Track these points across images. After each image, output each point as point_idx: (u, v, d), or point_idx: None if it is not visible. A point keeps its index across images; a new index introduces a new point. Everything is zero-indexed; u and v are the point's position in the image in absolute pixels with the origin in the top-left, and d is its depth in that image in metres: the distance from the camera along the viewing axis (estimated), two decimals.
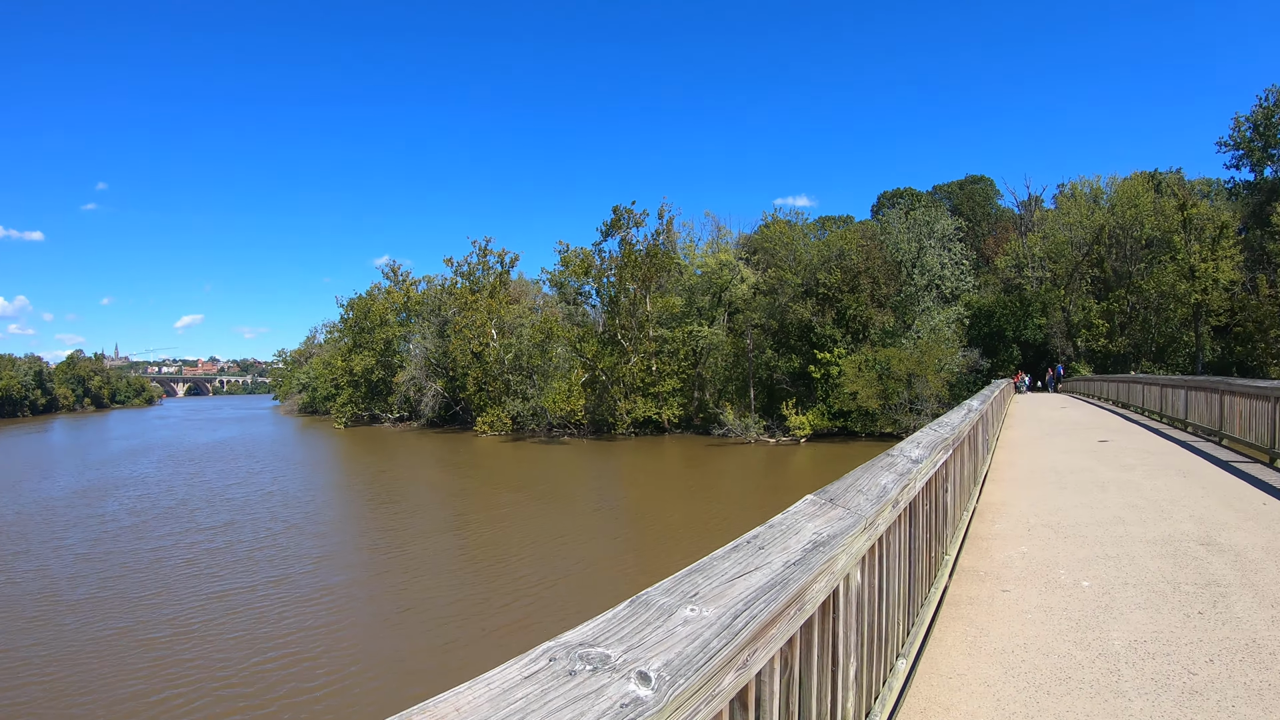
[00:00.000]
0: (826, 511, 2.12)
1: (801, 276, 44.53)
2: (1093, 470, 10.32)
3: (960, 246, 49.42)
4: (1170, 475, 9.45)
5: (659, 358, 47.98)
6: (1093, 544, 6.31)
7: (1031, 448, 13.56)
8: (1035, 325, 47.51)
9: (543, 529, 20.99)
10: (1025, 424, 19.10)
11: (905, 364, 39.21)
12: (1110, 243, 48.23)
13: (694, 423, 47.81)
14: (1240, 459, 10.52)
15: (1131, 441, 13.63)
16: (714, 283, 47.86)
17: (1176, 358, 45.68)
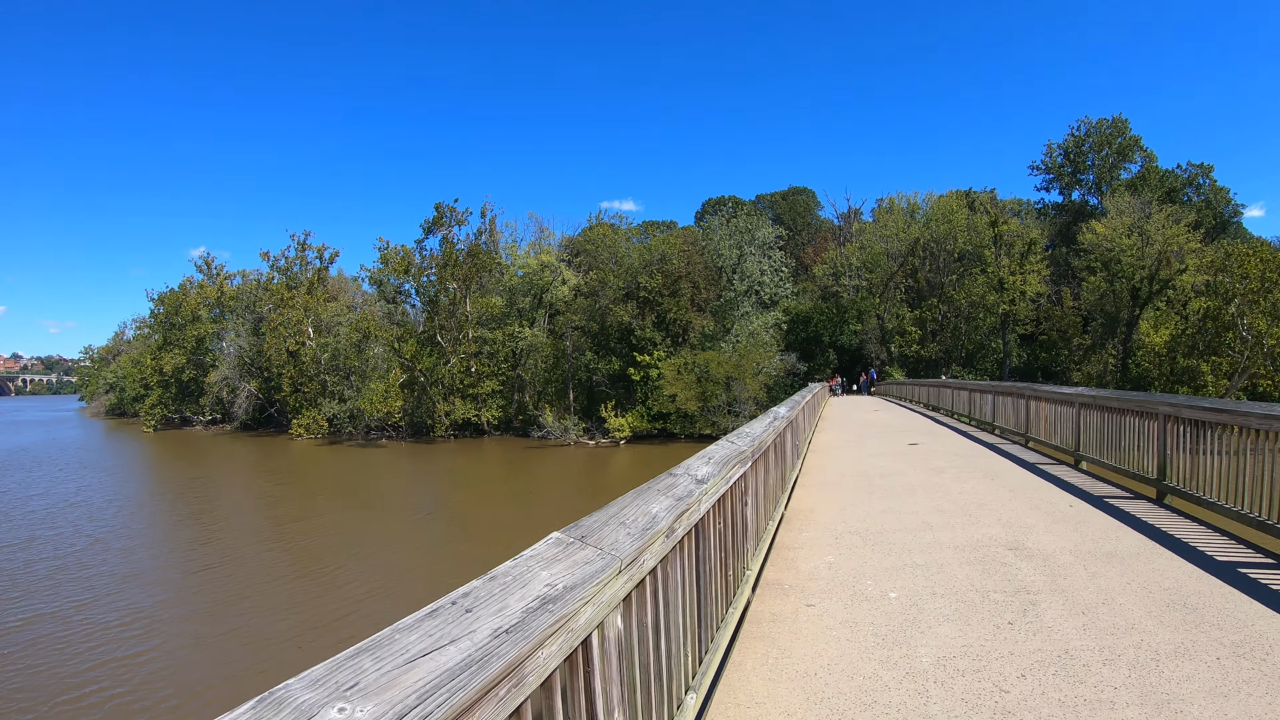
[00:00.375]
0: (573, 553, 2.17)
1: (623, 279, 52.23)
2: (903, 474, 11.47)
3: (780, 254, 59.18)
4: (979, 478, 10.77)
5: (479, 359, 55.21)
6: (901, 551, 6.95)
7: (843, 451, 15.26)
8: (851, 331, 58.29)
9: (363, 538, 23.06)
10: (839, 427, 21.58)
11: (724, 367, 46.02)
12: (924, 255, 60.30)
13: (513, 425, 54.86)
14: (1046, 461, 12.55)
15: (941, 444, 15.64)
16: (535, 284, 55.26)
17: (985, 363, 57.21)
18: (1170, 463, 8.57)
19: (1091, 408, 11.17)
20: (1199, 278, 45.09)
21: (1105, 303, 52.96)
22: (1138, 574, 5.87)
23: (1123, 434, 9.98)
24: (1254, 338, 38.45)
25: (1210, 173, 66.42)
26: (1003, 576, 5.98)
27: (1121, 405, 9.98)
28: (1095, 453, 11.04)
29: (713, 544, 4.05)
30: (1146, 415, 9.19)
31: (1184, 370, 42.16)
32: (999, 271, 54.36)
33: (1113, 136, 66.21)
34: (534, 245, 59.89)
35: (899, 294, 61.76)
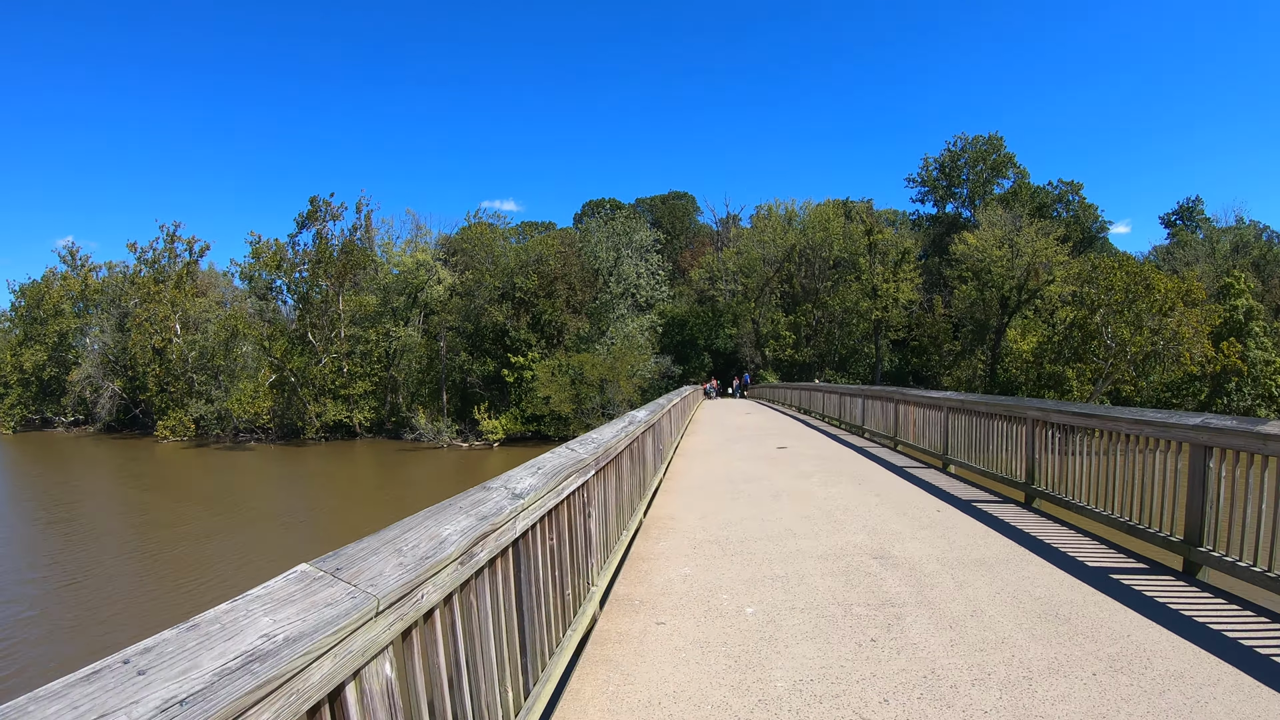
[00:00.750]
0: (317, 591, 1.90)
1: (499, 280, 54.18)
2: (769, 478, 11.35)
3: (658, 257, 61.46)
4: (846, 482, 10.79)
5: (351, 359, 56.16)
6: (761, 561, 6.71)
7: (711, 455, 15.16)
8: (727, 335, 61.54)
9: (231, 548, 22.84)
10: (709, 430, 21.66)
11: (598, 369, 47.69)
12: (800, 261, 64.32)
13: (386, 427, 55.80)
14: (915, 464, 12.81)
15: (810, 448, 15.81)
16: (410, 283, 55.92)
17: (858, 367, 60.98)
18: (1039, 466, 8.75)
19: (960, 412, 11.43)
20: (1066, 289, 49.45)
21: (975, 311, 57.07)
22: (1007, 582, 5.77)
23: (991, 438, 10.21)
24: (1117, 345, 42.31)
25: (1079, 190, 73.22)
26: (866, 588, 5.75)
27: (990, 410, 10.19)
28: (963, 456, 11.30)
29: (542, 563, 3.89)
30: (1015, 420, 9.40)
31: (1050, 376, 46.09)
32: (873, 279, 58.13)
33: (988, 153, 71.92)
34: (410, 243, 60.84)
35: (774, 299, 65.05)
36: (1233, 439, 5.46)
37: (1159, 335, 41.29)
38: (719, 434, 20.26)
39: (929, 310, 60.69)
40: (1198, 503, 5.87)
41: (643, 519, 8.54)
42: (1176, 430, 6.08)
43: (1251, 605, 5.18)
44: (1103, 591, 5.51)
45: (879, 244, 60.05)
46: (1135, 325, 41.77)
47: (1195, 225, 75.73)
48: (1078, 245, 61.46)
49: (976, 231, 57.39)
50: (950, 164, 73.23)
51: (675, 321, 61.87)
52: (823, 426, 21.75)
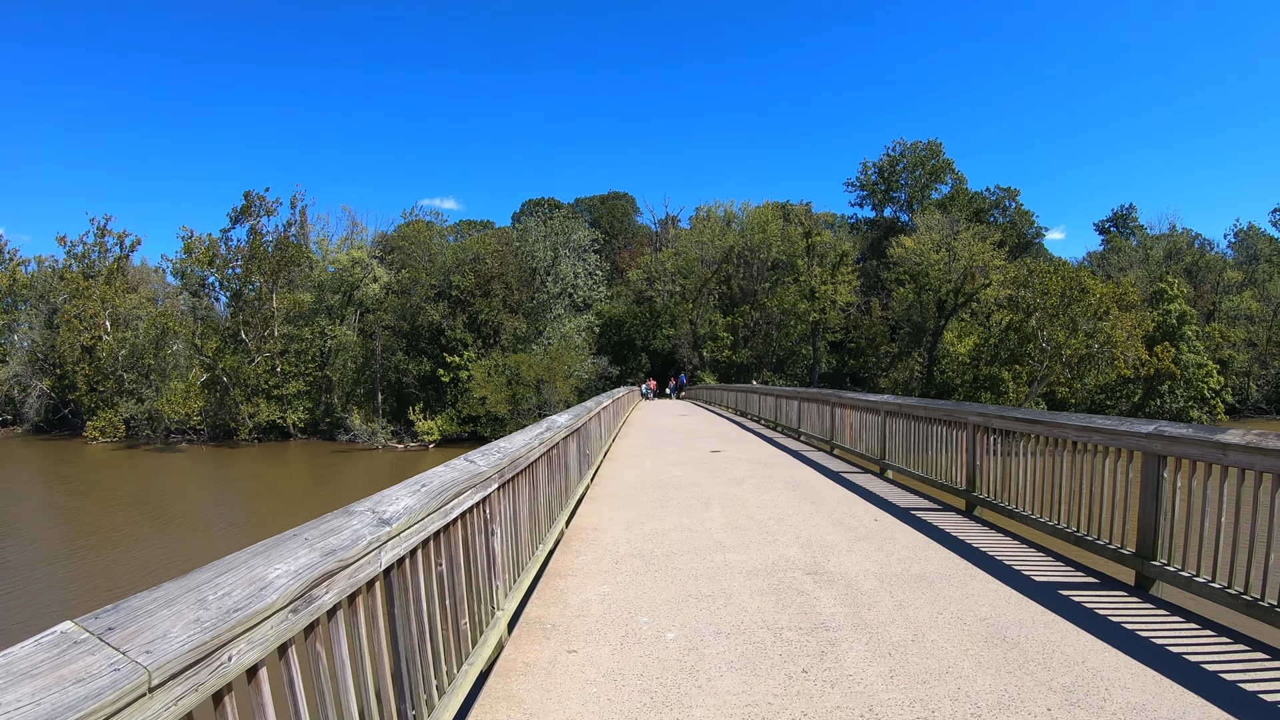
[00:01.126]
0: (69, 662, 1.48)
1: (436, 278, 54.90)
2: (700, 484, 10.94)
3: (595, 257, 62.14)
4: (780, 489, 10.43)
5: (285, 358, 55.54)
6: (687, 578, 6.27)
7: (643, 459, 14.71)
8: (664, 336, 62.02)
9: (163, 556, 22.31)
10: (643, 433, 21.28)
11: (535, 369, 48.27)
12: (739, 263, 65.00)
13: (320, 428, 55.40)
14: (852, 469, 12.51)
15: (745, 452, 15.44)
16: (346, 280, 56.04)
17: (796, 369, 61.85)
18: (980, 473, 8.48)
19: (898, 415, 11.16)
20: (1002, 292, 50.74)
21: (913, 313, 58.13)
22: (950, 601, 5.38)
23: (930, 443, 9.94)
24: (1053, 348, 43.50)
25: (1016, 196, 75.77)
26: (799, 608, 5.30)
27: (929, 414, 9.90)
28: (902, 461, 11.03)
29: (426, 594, 3.48)
30: (955, 424, 9.14)
31: (986, 378, 47.31)
32: (811, 281, 58.89)
33: (926, 158, 73.62)
34: (346, 240, 60.80)
35: (712, 300, 65.94)
36: (1189, 448, 5.16)
37: (1094, 339, 42.51)
38: (652, 436, 19.85)
39: (867, 312, 61.87)
40: (1151, 514, 5.57)
41: (564, 530, 8.08)
42: (1128, 438, 5.78)
43: (1212, 624, 4.88)
44: (1053, 610, 5.15)
45: (817, 246, 60.90)
46: (1070, 329, 42.94)
47: (1129, 232, 78.64)
48: (1014, 250, 63.17)
49: (914, 235, 58.59)
50: (889, 168, 74.70)
51: (613, 322, 62.50)
52: (758, 429, 21.51)
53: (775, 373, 60.61)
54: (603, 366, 55.84)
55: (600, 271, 62.70)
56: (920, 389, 54.14)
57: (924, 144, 73.95)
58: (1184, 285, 53.69)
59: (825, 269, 59.71)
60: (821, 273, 59.39)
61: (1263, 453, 4.55)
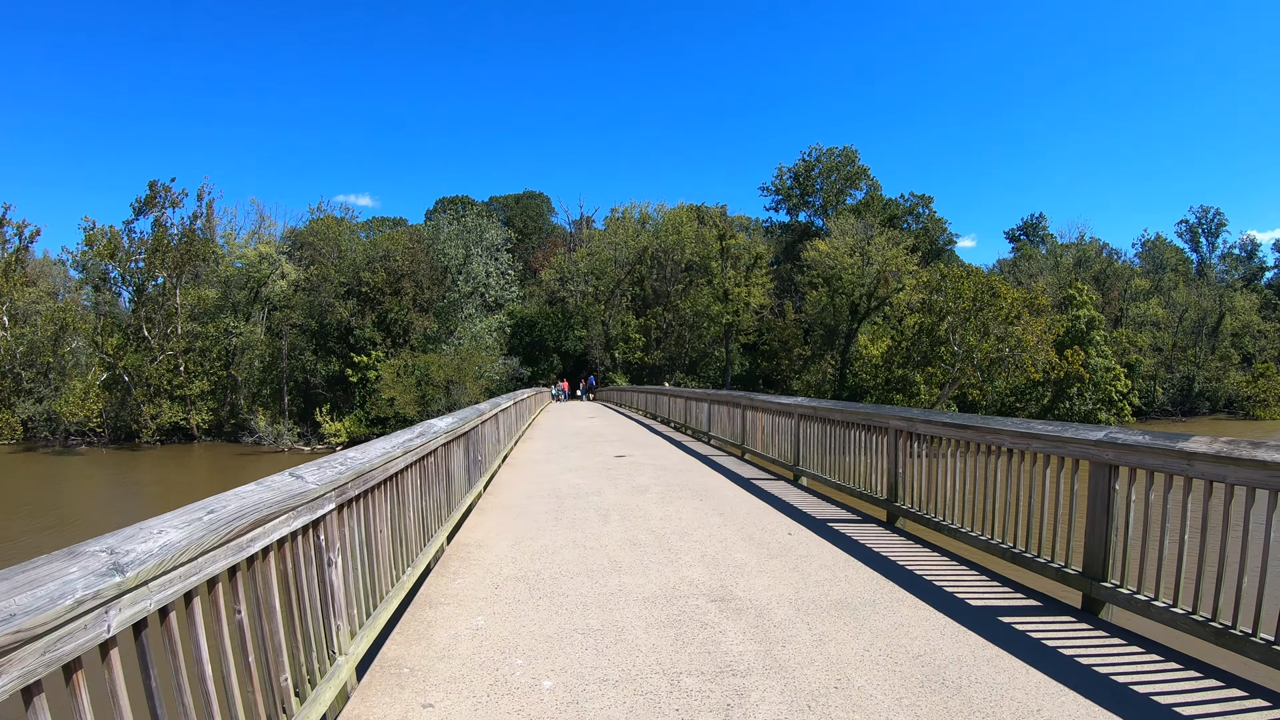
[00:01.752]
0: None
1: (345, 275, 54.65)
2: (601, 493, 10.20)
3: (508, 257, 62.50)
4: (687, 498, 9.77)
5: (189, 356, 54.26)
6: (574, 607, 5.49)
7: (544, 464, 13.92)
8: (576, 337, 62.23)
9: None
10: (548, 436, 20.50)
11: (444, 370, 47.97)
12: (652, 264, 65.55)
13: (224, 429, 54.41)
14: (764, 476, 11.88)
15: (651, 457, 14.77)
16: (252, 276, 55.41)
17: (708, 370, 62.35)
18: (903, 483, 7.89)
19: (812, 419, 10.57)
20: (915, 296, 51.92)
21: (826, 316, 59.16)
22: (878, 634, 4.69)
23: (848, 449, 9.36)
24: (965, 351, 44.70)
25: (930, 204, 78.11)
26: (702, 647, 4.52)
27: (846, 418, 9.32)
28: (817, 468, 10.44)
29: (216, 651, 2.87)
30: (875, 429, 8.56)
31: (899, 380, 48.60)
32: (725, 283, 59.52)
33: (842, 164, 74.76)
34: (253, 234, 60.30)
35: (625, 301, 65.82)
36: (1147, 457, 4.58)
37: (1005, 342, 43.69)
38: (558, 440, 19.01)
39: (780, 315, 62.88)
40: (1101, 530, 4.98)
41: (445, 547, 7.21)
42: (1074, 446, 5.19)
43: (1175, 654, 4.32)
44: (994, 643, 4.50)
45: (731, 249, 61.55)
46: (982, 332, 44.11)
47: (1039, 240, 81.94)
48: (926, 256, 64.96)
49: (829, 239, 59.50)
50: (804, 174, 75.72)
51: (525, 322, 62.51)
52: (667, 433, 20.88)
53: (688, 375, 60.92)
54: (514, 367, 55.83)
55: (513, 271, 62.73)
56: (833, 391, 54.97)
57: (839, 150, 75.11)
58: (1092, 292, 55.64)
59: (739, 271, 60.48)
60: (735, 275, 60.12)
61: (1235, 463, 3.99)
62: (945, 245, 76.48)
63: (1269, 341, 69.65)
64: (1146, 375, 59.83)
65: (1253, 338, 68.82)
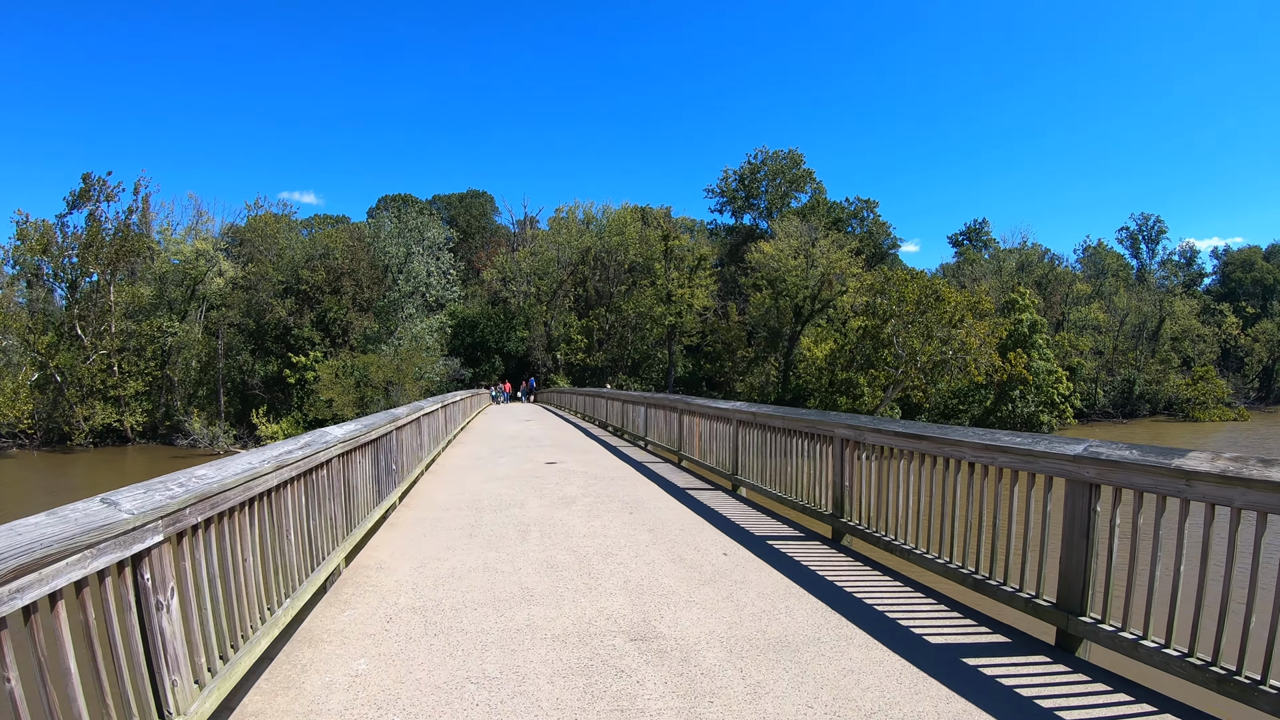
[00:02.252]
0: None
1: (284, 274, 53.74)
2: (524, 505, 9.46)
3: (450, 256, 62.32)
4: (616, 511, 9.04)
5: (124, 356, 52.60)
6: (473, 648, 4.71)
7: (470, 471, 13.08)
8: (519, 338, 61.39)
9: None
10: (481, 439, 19.79)
11: (384, 371, 47.39)
12: (596, 265, 65.25)
13: (160, 431, 53.21)
14: (701, 485, 11.17)
15: (584, 463, 14.05)
16: (189, 274, 54.40)
17: (651, 372, 62.24)
18: (850, 497, 7.22)
19: (752, 425, 9.90)
20: (859, 299, 52.03)
21: (769, 318, 59.25)
22: (824, 682, 3.98)
23: (790, 458, 8.69)
24: (908, 354, 44.95)
25: (874, 208, 78.82)
26: (614, 702, 3.78)
27: (788, 424, 8.65)
28: (756, 478, 9.78)
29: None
30: (820, 438, 7.88)
31: (843, 382, 48.90)
32: (668, 284, 59.32)
33: (787, 167, 75.22)
34: (191, 229, 58.43)
35: (568, 302, 65.55)
36: (1136, 476, 3.96)
37: (948, 345, 44.04)
38: (490, 444, 18.19)
39: (723, 317, 63.13)
40: (1079, 557, 4.36)
41: (342, 569, 6.45)
42: (1048, 461, 4.55)
43: (1169, 702, 3.71)
44: (960, 693, 3.82)
45: (675, 250, 61.37)
46: (926, 335, 44.45)
47: (982, 245, 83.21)
48: (870, 260, 65.45)
49: (773, 241, 59.56)
50: (750, 176, 75.93)
51: (466, 323, 61.91)
52: (603, 437, 20.16)
53: (630, 376, 60.58)
54: (455, 368, 55.38)
55: (454, 271, 62.42)
56: (776, 393, 54.97)
57: (785, 153, 75.44)
58: (1035, 296, 56.69)
59: (683, 273, 60.35)
60: (679, 276, 59.97)
61: (1245, 484, 3.37)
62: (889, 249, 77.28)
63: (1207, 345, 71.89)
64: (1088, 378, 60.93)
65: (1192, 341, 70.77)
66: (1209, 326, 73.64)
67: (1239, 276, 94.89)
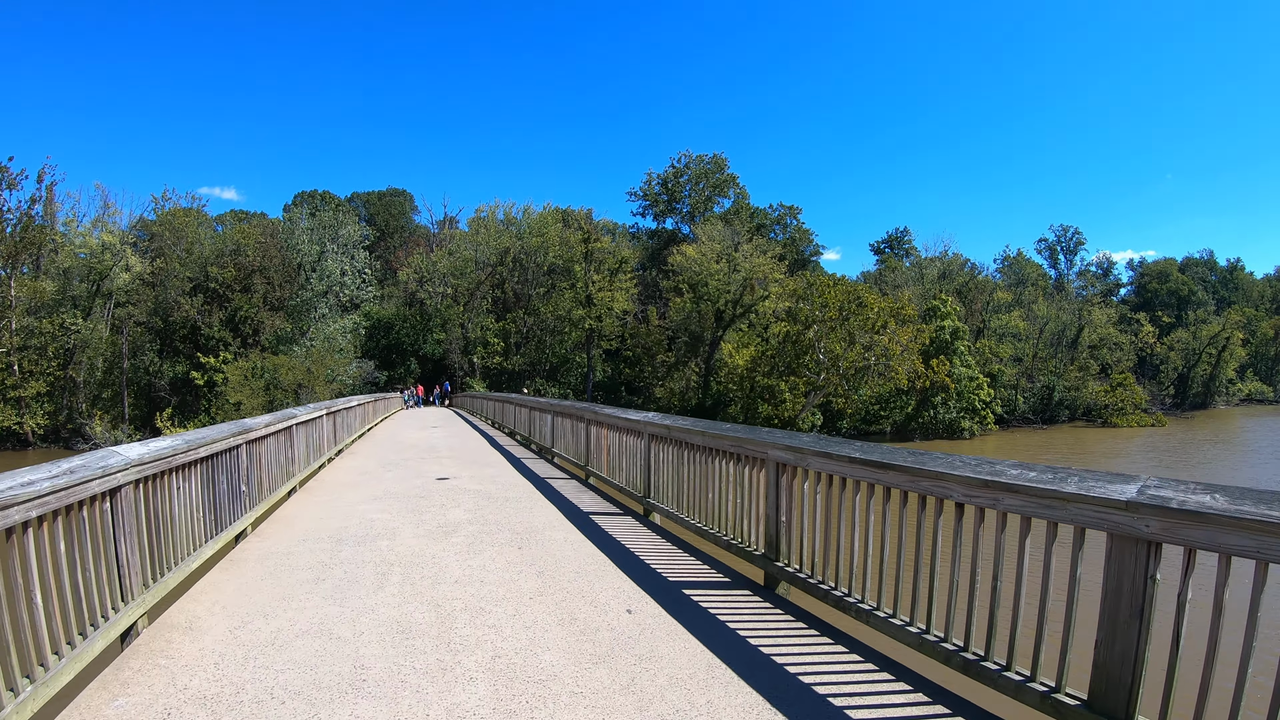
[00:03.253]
0: None
1: (193, 269, 52.00)
2: (395, 535, 7.99)
3: (365, 255, 61.84)
4: (502, 545, 7.54)
5: (25, 354, 50.47)
6: None
7: (350, 489, 11.44)
8: (435, 340, 59.98)
9: None
10: (375, 449, 17.99)
11: (294, 373, 46.34)
12: (515, 266, 64.16)
13: (61, 435, 51.39)
14: (608, 509, 9.68)
15: (480, 479, 12.40)
16: (95, 268, 52.35)
17: (570, 377, 60.93)
18: (788, 535, 5.78)
19: (667, 441, 8.33)
20: (781, 304, 51.57)
21: (691, 323, 58.43)
22: None
23: (712, 482, 7.19)
24: (830, 360, 44.50)
25: (798, 215, 79.48)
26: None
27: (709, 442, 7.11)
28: (672, 504, 8.25)
29: None
30: (749, 460, 6.38)
31: (764, 388, 48.07)
32: (588, 287, 58.30)
33: (711, 171, 74.91)
34: (97, 221, 55.82)
35: (486, 304, 63.84)
36: (1228, 534, 2.67)
37: (871, 351, 43.77)
38: (383, 455, 16.42)
39: (644, 321, 62.32)
40: (1126, 643, 3.03)
41: (142, 626, 5.06)
42: (1083, 508, 3.21)
43: None
44: None
45: (596, 252, 60.46)
46: (848, 341, 44.15)
47: (904, 253, 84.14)
48: (793, 266, 65.69)
49: (696, 244, 59.23)
50: (673, 180, 75.27)
51: (382, 324, 59.98)
52: (509, 447, 18.47)
53: (548, 381, 59.40)
54: (369, 371, 54.28)
55: (370, 270, 61.67)
56: (696, 399, 54.43)
57: (709, 157, 75.15)
58: (956, 304, 57.07)
59: (603, 275, 59.45)
60: (599, 279, 59.03)
61: None
62: (811, 256, 77.69)
63: (1124, 353, 73.47)
64: (1008, 385, 61.56)
65: (1110, 349, 72.13)
66: (1126, 335, 75.36)
67: (1155, 287, 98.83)
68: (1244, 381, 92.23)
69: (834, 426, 52.31)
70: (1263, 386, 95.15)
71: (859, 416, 50.75)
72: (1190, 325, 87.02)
